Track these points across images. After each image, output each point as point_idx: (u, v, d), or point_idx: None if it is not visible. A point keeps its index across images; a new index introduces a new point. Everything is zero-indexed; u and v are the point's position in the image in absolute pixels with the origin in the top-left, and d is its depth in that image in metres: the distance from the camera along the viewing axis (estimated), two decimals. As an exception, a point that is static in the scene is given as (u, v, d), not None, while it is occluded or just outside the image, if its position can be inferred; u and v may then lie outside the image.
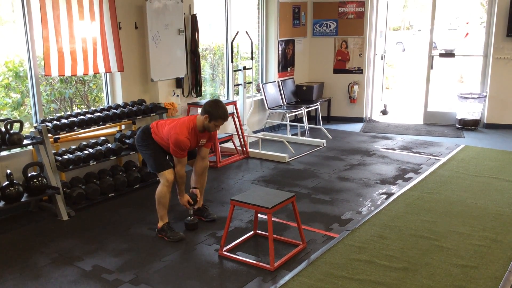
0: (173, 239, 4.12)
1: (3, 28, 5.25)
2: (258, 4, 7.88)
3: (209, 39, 7.46)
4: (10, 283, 3.51)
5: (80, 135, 5.28)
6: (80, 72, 5.15)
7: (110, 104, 5.71)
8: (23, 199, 4.40)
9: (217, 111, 4.06)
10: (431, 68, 8.49)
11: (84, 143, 5.17)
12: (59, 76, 5.10)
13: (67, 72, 5.04)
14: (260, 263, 3.72)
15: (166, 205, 4.19)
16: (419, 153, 6.76)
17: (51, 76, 4.98)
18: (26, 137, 4.57)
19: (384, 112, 9.44)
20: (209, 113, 4.06)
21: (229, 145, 6.80)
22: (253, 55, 7.25)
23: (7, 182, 4.32)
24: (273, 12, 7.87)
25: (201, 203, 4.58)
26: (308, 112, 8.38)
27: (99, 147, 5.06)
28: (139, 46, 5.82)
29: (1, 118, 4.79)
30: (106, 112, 5.22)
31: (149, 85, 5.99)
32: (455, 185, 5.37)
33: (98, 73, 5.41)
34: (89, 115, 5.07)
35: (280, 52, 8.14)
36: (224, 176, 5.89)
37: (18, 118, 5.05)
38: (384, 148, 7.03)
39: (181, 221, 4.53)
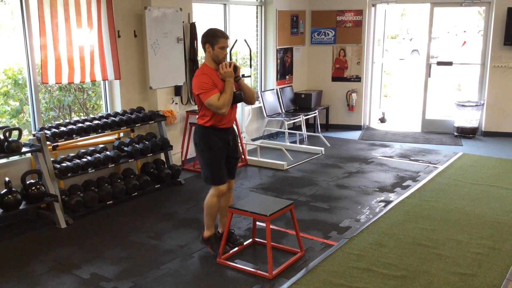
0: (216, 253, 3.97)
1: (2, 36, 5.27)
2: (257, 13, 7.92)
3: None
4: (8, 291, 3.50)
5: (78, 143, 5.28)
6: (77, 79, 5.17)
7: (109, 111, 5.72)
8: (21, 207, 4.39)
9: (213, 32, 3.80)
10: (429, 76, 8.53)
11: (83, 150, 5.17)
12: (56, 83, 5.12)
13: (64, 80, 5.06)
14: (259, 271, 3.71)
15: (214, 216, 4.02)
16: (417, 160, 6.77)
17: (48, 83, 4.99)
18: (25, 145, 4.57)
19: (382, 120, 9.46)
20: (207, 41, 3.79)
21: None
22: (252, 63, 7.28)
23: (5, 190, 4.31)
24: (271, 20, 7.91)
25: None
26: (307, 120, 8.40)
27: (98, 155, 5.06)
28: (138, 54, 5.84)
29: (0, 125, 4.79)
30: (104, 120, 5.23)
31: (148, 92, 6.00)
32: (453, 193, 5.38)
33: (95, 80, 5.43)
34: (87, 123, 5.08)
35: (278, 60, 8.17)
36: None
37: (17, 125, 5.05)
38: (382, 156, 7.04)
39: (180, 228, 4.53)
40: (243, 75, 6.42)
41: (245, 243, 4.18)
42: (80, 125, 4.99)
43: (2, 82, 5.10)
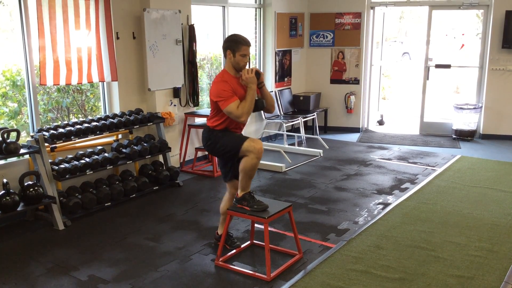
0: (257, 208, 3.71)
1: (1, 37, 5.26)
2: (256, 15, 7.93)
3: (206, 49, 7.50)
4: (5, 293, 3.50)
5: (77, 144, 5.28)
6: (74, 81, 5.17)
7: (107, 113, 5.72)
8: (19, 208, 4.38)
9: (235, 38, 3.71)
10: (427, 79, 8.55)
11: (81, 152, 5.17)
12: (54, 85, 5.11)
13: (62, 81, 5.05)
14: (257, 273, 3.71)
15: (252, 177, 3.76)
16: (415, 163, 6.78)
17: (46, 85, 4.99)
18: (23, 146, 4.56)
19: (380, 122, 9.47)
20: (229, 47, 3.71)
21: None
22: (250, 65, 7.28)
23: (3, 191, 4.31)
24: (270, 22, 7.92)
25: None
26: (305, 122, 8.40)
27: (96, 157, 5.06)
28: (136, 56, 5.84)
29: (-2, 127, 4.79)
30: (103, 122, 5.23)
31: (146, 94, 6.00)
32: (452, 196, 5.39)
33: (92, 82, 5.43)
34: (86, 124, 5.08)
35: (277, 62, 8.18)
36: (221, 185, 5.88)
37: (15, 127, 5.04)
38: (381, 158, 7.05)
39: (178, 230, 4.53)
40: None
41: (243, 245, 4.18)
42: (78, 126, 4.99)
43: (1, 83, 5.09)
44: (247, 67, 3.76)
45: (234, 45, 3.70)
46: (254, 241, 4.23)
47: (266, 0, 7.90)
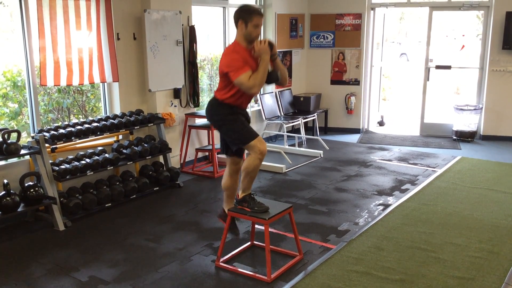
0: (258, 209, 3.69)
1: (1, 38, 5.27)
2: (256, 16, 7.92)
3: (207, 50, 7.50)
4: (6, 293, 3.50)
5: (77, 145, 5.28)
6: (75, 82, 5.17)
7: (108, 114, 5.72)
8: (19, 209, 4.38)
9: (247, 8, 3.60)
10: (428, 79, 8.55)
11: (82, 153, 5.17)
12: (54, 85, 5.11)
13: (63, 82, 5.05)
14: (257, 275, 3.71)
15: (254, 178, 3.76)
16: (415, 164, 6.78)
17: (46, 85, 4.99)
18: (23, 147, 4.56)
19: (381, 123, 9.47)
20: (241, 17, 3.57)
21: (226, 155, 6.80)
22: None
23: (3, 192, 4.31)
24: (270, 23, 7.93)
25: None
26: (306, 123, 8.40)
27: (96, 157, 5.06)
28: (137, 56, 5.84)
29: (-1, 127, 4.79)
30: (103, 122, 5.23)
31: (147, 95, 6.00)
32: (452, 197, 5.39)
33: (93, 83, 5.43)
34: (86, 125, 5.08)
35: (277, 63, 8.17)
36: (221, 186, 5.87)
37: (16, 127, 5.05)
38: (381, 159, 7.04)
39: (179, 231, 4.53)
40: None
41: (243, 246, 4.18)
42: (79, 127, 4.99)
43: (1, 84, 5.10)
44: (259, 39, 3.66)
45: (247, 15, 3.56)
46: (255, 242, 4.23)
47: (266, 1, 7.90)
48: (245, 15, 3.57)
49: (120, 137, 5.73)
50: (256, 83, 3.53)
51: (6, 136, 4.39)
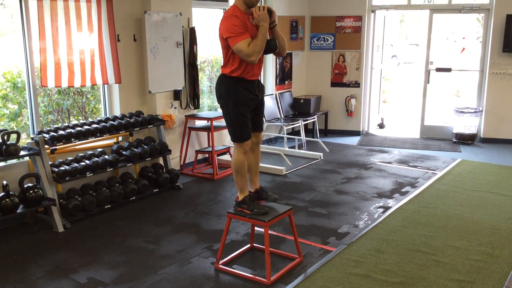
0: (258, 211, 3.67)
1: (2, 39, 5.27)
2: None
3: (207, 51, 7.50)
4: (4, 295, 3.49)
5: (77, 147, 5.27)
6: (77, 83, 5.16)
7: (108, 115, 5.72)
8: (18, 211, 4.37)
9: None
10: (428, 82, 8.55)
11: (81, 154, 5.16)
12: (55, 87, 5.11)
13: (64, 84, 5.05)
14: (257, 277, 3.70)
15: (245, 174, 3.71)
16: (415, 167, 6.77)
17: (47, 87, 4.99)
18: (23, 148, 4.56)
19: (381, 126, 9.47)
20: None
21: (226, 157, 6.80)
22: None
23: (3, 193, 4.30)
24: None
25: (258, 184, 3.93)
26: (306, 125, 8.40)
27: (96, 159, 5.06)
28: (137, 58, 5.84)
29: (-2, 129, 4.78)
30: (103, 124, 5.22)
31: (147, 97, 6.00)
32: (452, 199, 5.38)
33: (96, 84, 5.43)
34: (86, 127, 5.07)
35: (277, 65, 8.18)
36: (221, 188, 5.88)
37: (15, 129, 5.05)
38: (381, 162, 7.04)
39: (178, 233, 4.52)
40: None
41: (243, 249, 4.17)
42: (78, 129, 4.98)
43: (1, 85, 5.09)
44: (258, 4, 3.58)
45: None
46: (254, 244, 4.22)
47: (266, 2, 7.90)
48: None
49: (120, 138, 5.73)
50: (256, 51, 3.43)
51: (5, 137, 4.38)
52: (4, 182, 4.33)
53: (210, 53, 7.59)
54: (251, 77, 3.62)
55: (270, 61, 8.04)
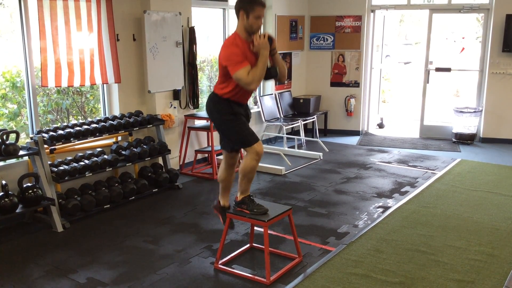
0: (257, 211, 3.67)
1: (1, 39, 5.26)
2: (256, 17, 7.92)
3: (206, 51, 7.50)
4: (3, 295, 3.48)
5: (76, 146, 5.27)
6: (77, 83, 5.16)
7: (107, 115, 5.71)
8: (18, 210, 4.36)
9: None
10: (427, 82, 8.54)
11: (80, 154, 5.15)
12: (55, 87, 5.10)
13: (64, 83, 5.04)
14: (256, 277, 3.70)
15: (251, 179, 3.74)
16: (415, 166, 6.77)
17: (47, 86, 4.98)
18: (22, 148, 4.55)
19: (380, 126, 9.46)
20: (242, 7, 3.48)
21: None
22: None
23: (2, 193, 4.29)
24: (270, 25, 7.92)
25: (228, 201, 4.04)
26: (305, 125, 8.40)
27: (95, 159, 5.05)
28: (136, 58, 5.84)
29: (-3, 128, 4.78)
30: (102, 123, 5.22)
31: (146, 96, 5.99)
32: (451, 199, 5.37)
33: (95, 84, 5.42)
34: (85, 126, 5.07)
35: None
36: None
37: (14, 128, 5.04)
38: (381, 162, 7.03)
39: (178, 233, 4.51)
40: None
41: (242, 248, 4.16)
42: (78, 128, 4.98)
43: (0, 84, 5.09)
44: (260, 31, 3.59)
45: (248, 5, 3.46)
46: (254, 244, 4.22)
47: (266, 2, 7.89)
48: (246, 5, 3.48)
49: (119, 138, 5.72)
50: (255, 79, 3.46)
51: (4, 137, 4.38)
52: (3, 182, 4.32)
53: (209, 53, 7.58)
54: (241, 101, 3.71)
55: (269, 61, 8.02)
